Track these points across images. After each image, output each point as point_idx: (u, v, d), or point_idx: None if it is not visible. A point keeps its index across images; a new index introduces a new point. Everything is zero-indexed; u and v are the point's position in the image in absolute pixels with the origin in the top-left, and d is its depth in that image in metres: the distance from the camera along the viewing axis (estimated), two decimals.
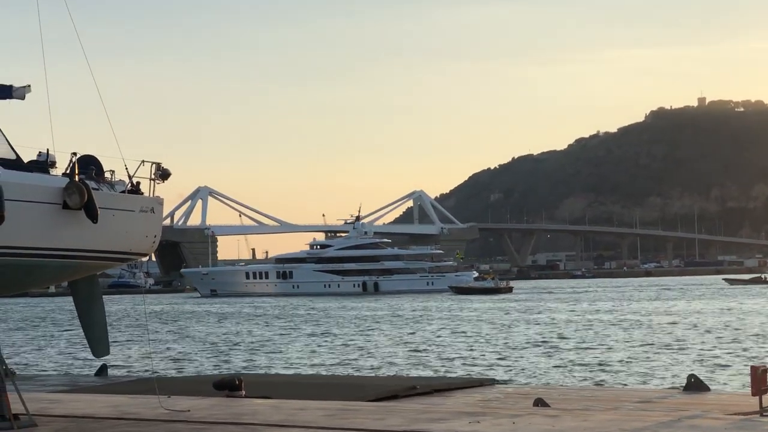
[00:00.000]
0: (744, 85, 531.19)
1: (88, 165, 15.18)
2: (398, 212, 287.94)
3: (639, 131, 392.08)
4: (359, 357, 41.63)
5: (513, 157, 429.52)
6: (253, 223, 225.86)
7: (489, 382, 21.35)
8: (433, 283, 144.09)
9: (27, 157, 14.82)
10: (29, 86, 15.07)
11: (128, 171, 15.71)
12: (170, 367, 38.85)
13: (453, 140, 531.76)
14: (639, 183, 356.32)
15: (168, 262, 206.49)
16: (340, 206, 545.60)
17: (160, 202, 16.23)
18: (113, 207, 15.19)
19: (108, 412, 15.11)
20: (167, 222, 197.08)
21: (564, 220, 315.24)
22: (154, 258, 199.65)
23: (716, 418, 13.33)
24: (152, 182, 15.95)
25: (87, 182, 14.54)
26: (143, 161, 15.81)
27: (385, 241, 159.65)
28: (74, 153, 14.88)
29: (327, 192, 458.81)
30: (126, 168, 15.66)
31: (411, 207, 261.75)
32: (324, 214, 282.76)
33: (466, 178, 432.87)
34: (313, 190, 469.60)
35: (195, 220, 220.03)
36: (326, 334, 56.30)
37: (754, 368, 14.11)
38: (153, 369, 33.56)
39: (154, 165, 15.95)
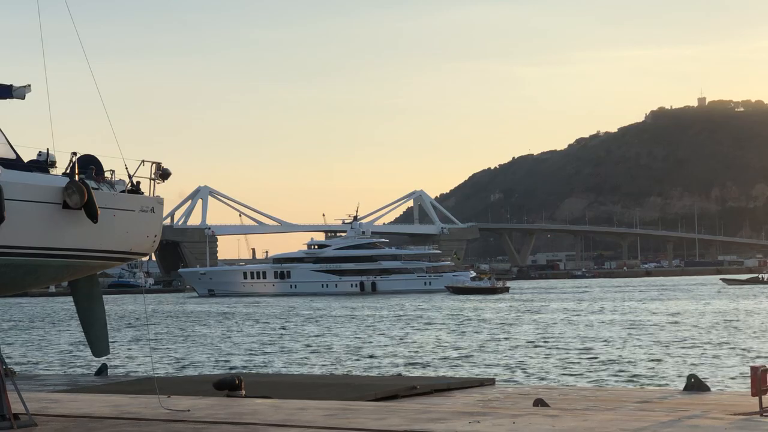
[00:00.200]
0: (744, 85, 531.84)
1: (88, 165, 15.18)
2: (398, 212, 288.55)
3: (639, 131, 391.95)
4: (359, 357, 41.63)
5: (513, 157, 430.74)
6: (253, 223, 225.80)
7: (489, 382, 21.32)
8: (431, 283, 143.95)
9: (27, 157, 14.81)
10: (29, 86, 15.07)
11: (128, 171, 15.73)
12: (170, 367, 38.88)
13: (453, 140, 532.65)
14: (639, 183, 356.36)
15: (168, 262, 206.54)
16: (341, 206, 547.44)
17: (160, 202, 16.22)
18: (113, 207, 15.18)
19: (108, 412, 15.09)
20: (167, 222, 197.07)
21: (564, 220, 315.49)
22: (154, 258, 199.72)
23: (716, 418, 13.32)
24: (152, 182, 15.95)
25: (87, 182, 14.54)
26: (143, 161, 15.82)
27: (383, 241, 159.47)
28: (74, 153, 14.90)
29: (327, 192, 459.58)
30: (126, 168, 15.69)
31: (411, 207, 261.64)
32: (324, 214, 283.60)
33: (466, 178, 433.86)
34: (314, 190, 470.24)
35: (195, 220, 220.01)
36: (326, 334, 56.30)
37: (754, 368, 14.10)
38: (153, 368, 33.56)
39: (154, 165, 15.95)
